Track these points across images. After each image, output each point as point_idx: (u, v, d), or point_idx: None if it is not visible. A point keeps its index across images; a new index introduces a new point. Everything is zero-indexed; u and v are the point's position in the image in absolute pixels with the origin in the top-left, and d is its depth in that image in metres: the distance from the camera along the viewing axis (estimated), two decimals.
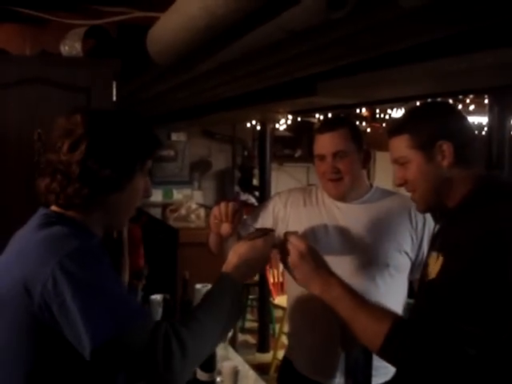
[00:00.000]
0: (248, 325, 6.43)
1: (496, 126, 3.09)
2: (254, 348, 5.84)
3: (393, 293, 2.14)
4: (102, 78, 2.01)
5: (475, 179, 1.54)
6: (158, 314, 2.72)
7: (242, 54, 1.72)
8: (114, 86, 2.03)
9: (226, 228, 2.08)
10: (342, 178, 2.12)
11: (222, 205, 2.07)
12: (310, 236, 2.16)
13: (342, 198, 2.17)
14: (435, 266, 1.49)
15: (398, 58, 2.00)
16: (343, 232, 2.15)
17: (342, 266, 2.11)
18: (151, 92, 3.15)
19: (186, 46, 1.71)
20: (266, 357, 5.49)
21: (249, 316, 6.58)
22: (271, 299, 5.55)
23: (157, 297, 2.83)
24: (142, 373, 1.26)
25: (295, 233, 1.72)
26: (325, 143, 2.13)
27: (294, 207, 2.25)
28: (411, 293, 2.27)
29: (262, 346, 5.75)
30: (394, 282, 2.14)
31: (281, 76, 2.34)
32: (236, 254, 1.56)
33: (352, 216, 2.16)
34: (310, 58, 1.83)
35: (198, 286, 3.03)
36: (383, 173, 7.64)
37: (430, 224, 2.11)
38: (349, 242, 2.13)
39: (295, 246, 1.62)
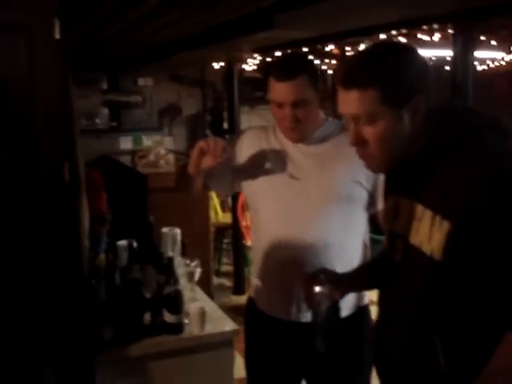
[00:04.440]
0: (224, 268, 6.48)
1: (460, 58, 3.05)
2: (229, 291, 5.90)
3: (350, 225, 2.14)
4: (42, 16, 1.91)
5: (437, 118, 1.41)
6: (124, 259, 2.70)
7: None
8: (57, 24, 1.94)
9: (208, 161, 2.06)
10: (299, 126, 2.09)
11: (211, 139, 2.06)
12: (263, 172, 2.17)
13: (298, 141, 2.16)
14: (435, 233, 1.36)
15: None
16: (296, 167, 2.15)
17: (295, 199, 2.12)
18: (107, 32, 3.04)
19: None
20: (241, 299, 5.54)
21: (224, 259, 6.62)
22: (244, 242, 5.58)
23: (123, 242, 2.80)
24: None
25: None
26: (284, 91, 2.05)
27: (249, 149, 2.24)
28: (375, 228, 2.28)
29: (238, 289, 5.81)
30: (350, 214, 2.14)
31: (235, 9, 2.26)
32: None
33: (305, 151, 2.16)
34: None
35: (165, 229, 3.01)
36: None
37: None
38: (302, 176, 2.13)
39: None
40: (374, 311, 1.94)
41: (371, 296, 2.06)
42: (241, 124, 6.01)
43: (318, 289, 1.75)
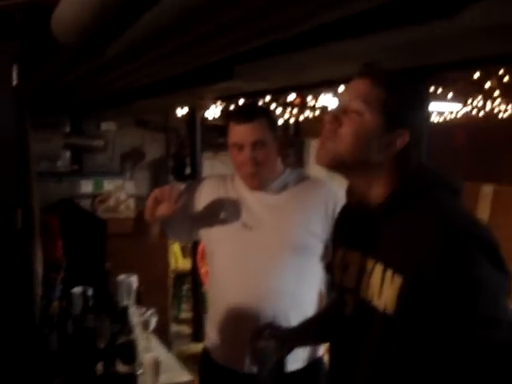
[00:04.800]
0: (183, 315, 6.39)
1: None
2: (188, 338, 5.80)
3: (305, 276, 2.15)
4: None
5: (395, 177, 1.41)
6: (77, 307, 2.65)
7: (144, 36, 1.67)
8: (16, 69, 1.94)
9: (163, 209, 2.06)
10: (259, 171, 2.12)
11: (166, 187, 2.07)
12: (218, 221, 2.18)
13: (257, 188, 2.17)
14: (386, 288, 1.36)
15: (308, 39, 1.98)
16: (251, 216, 2.16)
17: (248, 248, 2.13)
18: (69, 77, 3.04)
19: (85, 26, 1.65)
20: (200, 346, 5.41)
21: (184, 306, 6.53)
22: (204, 288, 5.53)
23: (77, 290, 2.76)
24: None
25: None
26: (243, 133, 2.10)
27: (207, 197, 2.25)
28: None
29: (197, 336, 5.71)
30: (305, 264, 2.15)
31: (195, 60, 2.29)
32: None
33: (263, 200, 2.18)
34: (212, 41, 1.79)
35: (121, 277, 2.98)
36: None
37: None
38: (256, 225, 2.15)
39: None
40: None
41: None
42: (203, 170, 6.03)
43: (262, 344, 1.74)
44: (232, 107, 5.40)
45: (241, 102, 4.33)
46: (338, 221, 1.74)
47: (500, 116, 6.25)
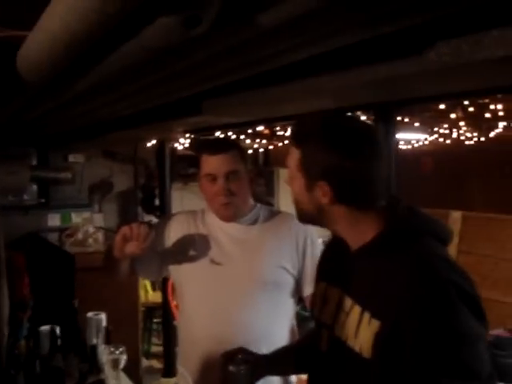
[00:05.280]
0: (154, 349, 6.28)
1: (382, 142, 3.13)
2: (159, 373, 5.70)
3: (276, 312, 2.14)
4: None
5: (381, 220, 1.41)
6: (45, 346, 2.59)
7: (110, 74, 1.66)
8: None
9: (132, 247, 2.02)
10: (233, 201, 2.12)
11: (135, 225, 2.03)
12: (187, 258, 2.16)
13: (231, 219, 2.16)
14: (363, 330, 1.35)
15: (275, 76, 1.99)
16: (220, 252, 2.15)
17: (217, 285, 2.11)
18: (37, 111, 3.02)
19: (53, 64, 1.64)
20: (172, 381, 5.37)
21: (155, 340, 6.43)
22: (174, 322, 5.46)
23: (45, 328, 2.70)
24: None
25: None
26: (217, 163, 2.10)
27: (177, 234, 2.23)
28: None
29: (168, 371, 5.61)
30: (276, 300, 2.14)
31: (163, 96, 2.29)
32: None
33: (233, 235, 2.17)
34: (179, 79, 1.79)
35: (90, 314, 2.92)
36: (287, 189, 7.69)
37: (312, 240, 2.14)
38: (225, 261, 2.14)
39: None
40: None
41: None
42: (172, 201, 6.00)
43: (233, 369, 1.71)
44: (203, 138, 5.41)
45: (211, 134, 4.35)
46: (324, 255, 1.75)
47: (467, 143, 6.37)
